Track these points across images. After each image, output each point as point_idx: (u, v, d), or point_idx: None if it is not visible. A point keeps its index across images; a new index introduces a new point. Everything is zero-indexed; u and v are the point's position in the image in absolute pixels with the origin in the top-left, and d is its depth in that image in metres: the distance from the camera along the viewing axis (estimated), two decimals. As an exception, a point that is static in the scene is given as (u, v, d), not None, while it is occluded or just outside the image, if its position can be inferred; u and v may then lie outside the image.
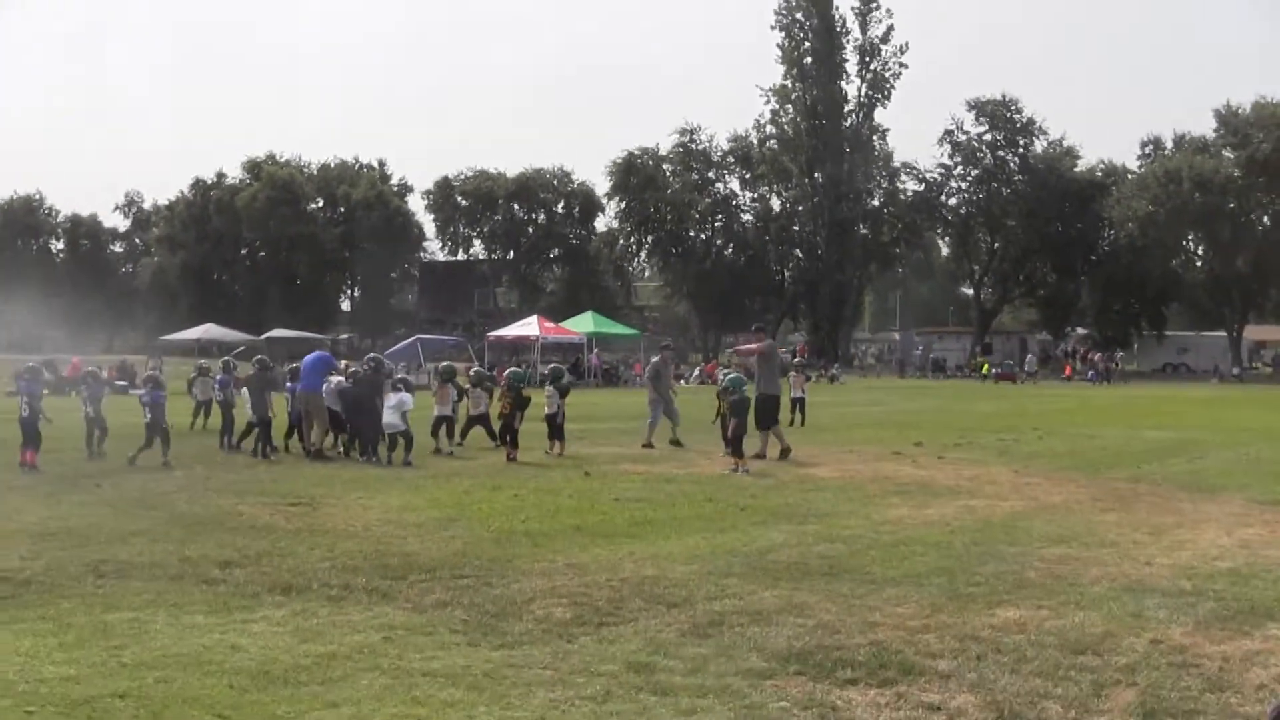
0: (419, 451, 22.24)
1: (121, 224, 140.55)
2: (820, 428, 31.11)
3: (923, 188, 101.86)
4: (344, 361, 27.26)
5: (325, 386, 23.43)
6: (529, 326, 64.43)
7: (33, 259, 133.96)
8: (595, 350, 67.37)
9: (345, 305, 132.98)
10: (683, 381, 61.74)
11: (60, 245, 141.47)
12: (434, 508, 15.99)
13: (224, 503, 16.27)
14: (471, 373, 24.50)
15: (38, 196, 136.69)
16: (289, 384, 24.82)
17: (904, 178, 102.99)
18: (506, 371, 24.75)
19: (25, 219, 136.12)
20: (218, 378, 26.81)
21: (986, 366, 78.55)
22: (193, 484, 18.44)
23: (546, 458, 22.84)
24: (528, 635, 9.10)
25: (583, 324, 66.88)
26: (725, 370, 35.45)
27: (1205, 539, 13.60)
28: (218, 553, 12.35)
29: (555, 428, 23.60)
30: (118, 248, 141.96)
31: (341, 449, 23.40)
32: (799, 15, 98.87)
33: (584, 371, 63.98)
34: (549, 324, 65.56)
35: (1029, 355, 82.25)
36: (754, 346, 26.81)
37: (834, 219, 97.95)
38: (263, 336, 60.13)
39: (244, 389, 24.40)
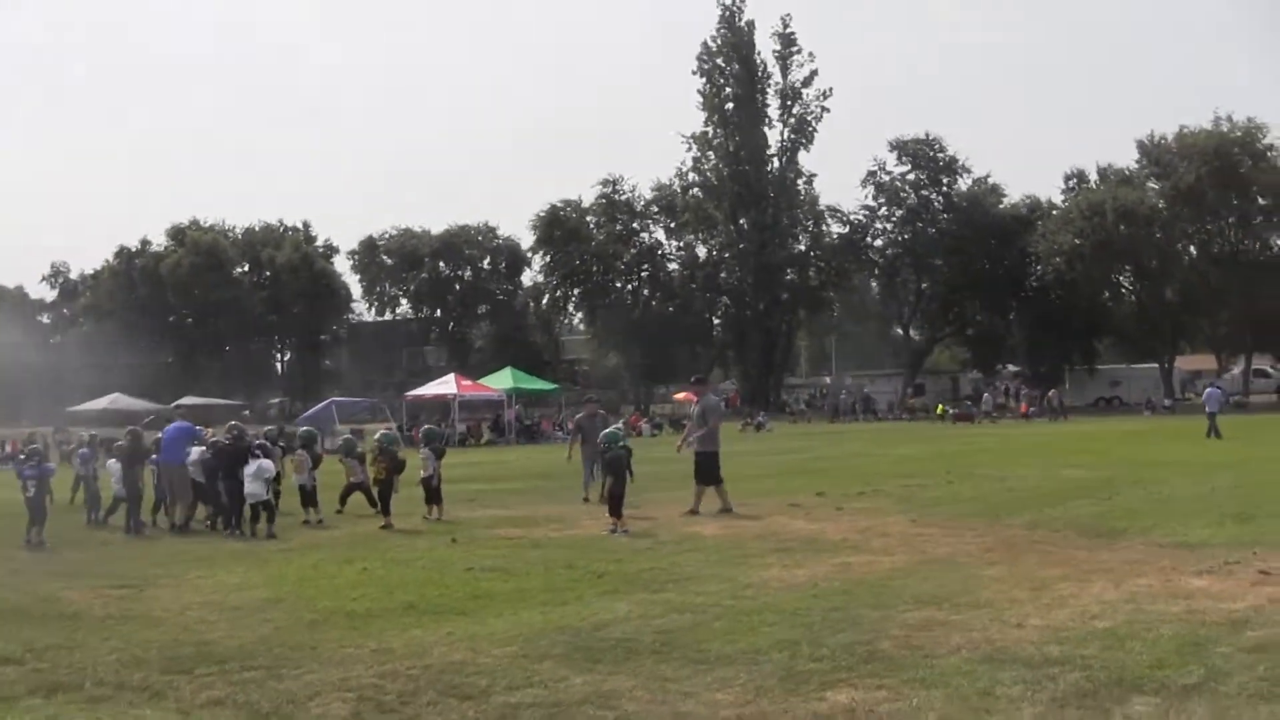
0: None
1: (49, 294, 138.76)
2: (729, 478, 29.91)
3: (848, 230, 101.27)
4: (208, 430, 25.87)
5: (189, 457, 22.26)
6: (446, 385, 63.18)
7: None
8: (515, 406, 66.16)
9: (278, 369, 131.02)
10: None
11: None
12: (269, 586, 14.89)
13: (50, 587, 15.13)
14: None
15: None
16: (153, 456, 23.51)
17: (829, 221, 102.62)
18: (378, 434, 23.40)
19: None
20: (80, 451, 25.56)
21: (942, 408, 77.43)
22: (31, 566, 17.32)
23: (425, 523, 21.63)
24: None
25: (501, 380, 65.58)
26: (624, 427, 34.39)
27: (1090, 594, 12.44)
28: (7, 647, 11.26)
29: (431, 491, 22.33)
30: (45, 319, 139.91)
31: (209, 522, 22.12)
32: (720, 61, 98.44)
33: (503, 429, 62.80)
34: (466, 381, 64.28)
35: (984, 395, 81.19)
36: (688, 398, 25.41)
37: (760, 265, 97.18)
38: (174, 405, 58.30)
39: (110, 462, 23.15)
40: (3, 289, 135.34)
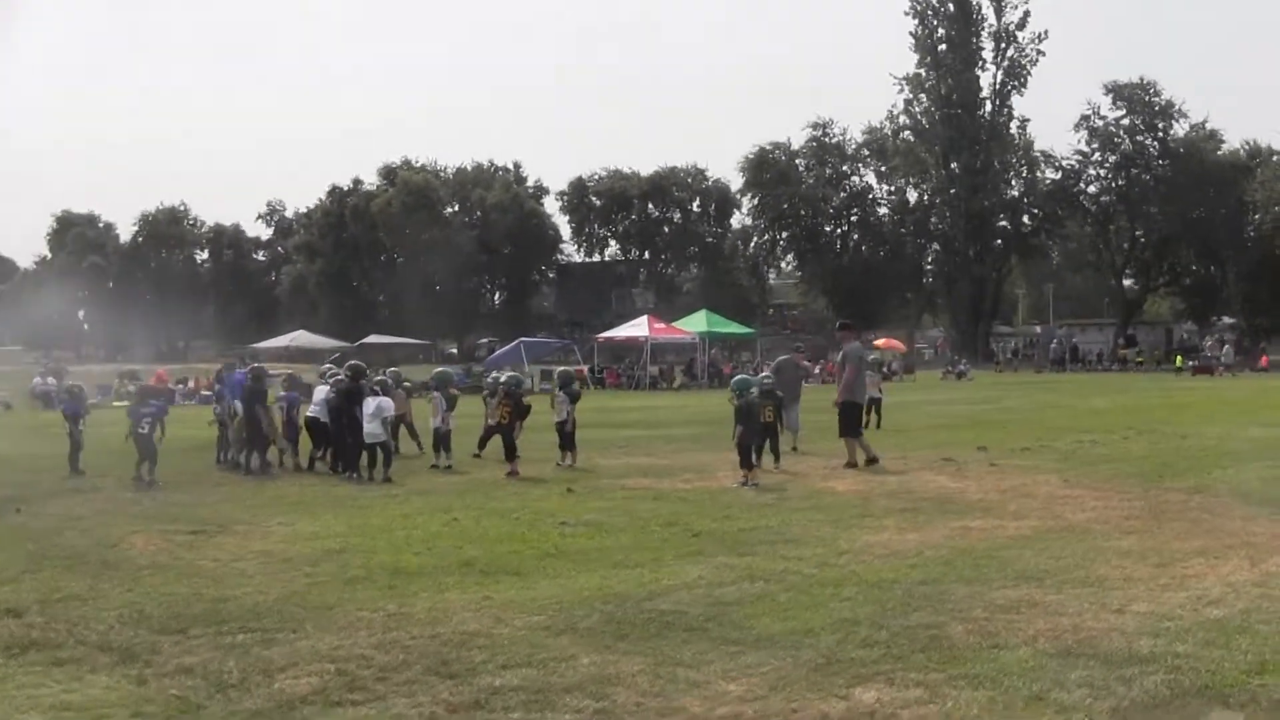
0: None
1: (264, 233, 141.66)
2: (897, 430, 28.73)
3: (1059, 176, 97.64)
4: (328, 367, 25.47)
5: (315, 396, 21.88)
6: (638, 327, 62.34)
7: (178, 269, 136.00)
8: (713, 349, 65.26)
9: (489, 308, 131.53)
10: (805, 380, 59.28)
11: (204, 255, 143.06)
12: (342, 536, 14.21)
13: (120, 530, 14.67)
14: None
15: (182, 207, 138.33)
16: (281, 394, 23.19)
17: (1043, 166, 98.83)
18: (504, 377, 22.54)
19: (170, 230, 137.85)
20: (216, 388, 25.24)
21: (1180, 359, 73.98)
22: (122, 507, 16.94)
23: (557, 470, 20.85)
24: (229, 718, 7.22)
25: (695, 323, 64.35)
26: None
27: (1218, 573, 10.97)
28: (26, 596, 10.79)
29: (565, 436, 21.52)
30: (261, 256, 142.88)
31: (331, 465, 21.74)
32: (934, 1, 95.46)
33: (696, 372, 61.82)
34: (659, 324, 63.33)
35: (1225, 346, 77.42)
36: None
37: (971, 210, 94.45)
38: (357, 343, 58.69)
39: (234, 401, 22.68)
40: (221, 226, 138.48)
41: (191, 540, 13.95)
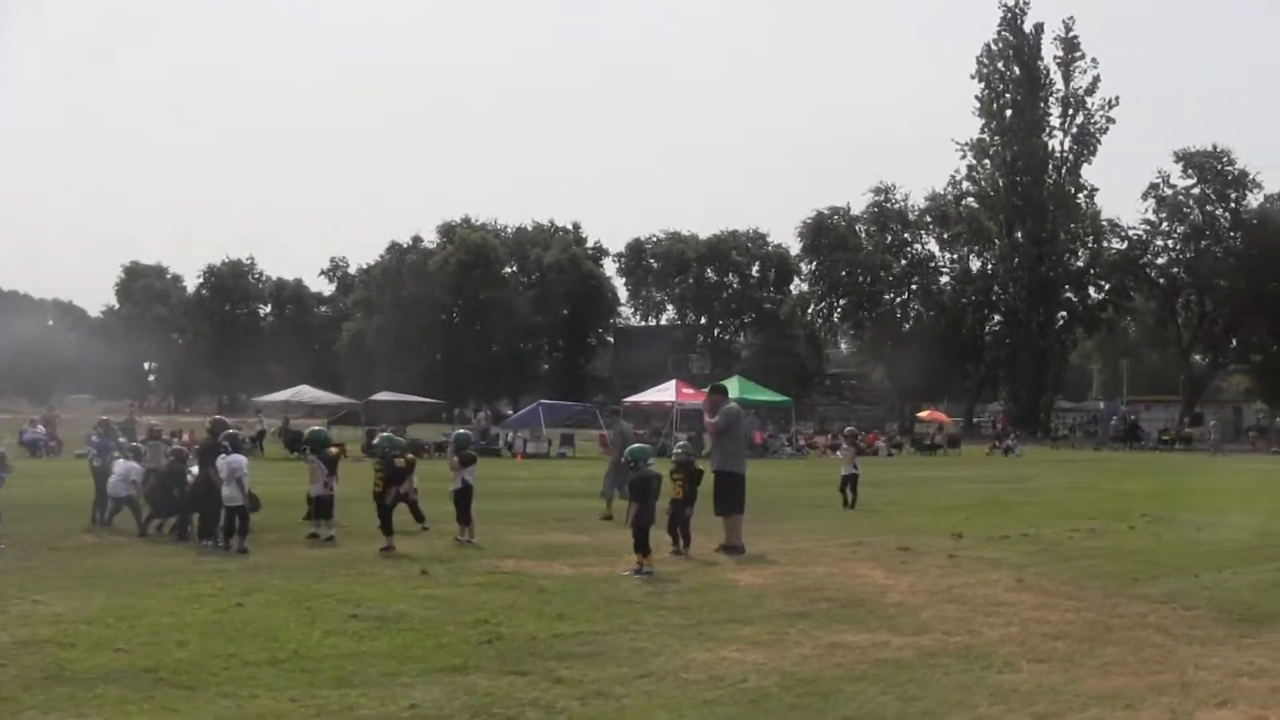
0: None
1: (327, 288, 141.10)
2: (878, 510, 25.85)
3: (1126, 246, 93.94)
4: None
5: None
6: (665, 392, 59.41)
7: (242, 322, 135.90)
8: (748, 417, 62.22)
9: (544, 370, 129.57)
10: (838, 453, 56.26)
11: (267, 309, 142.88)
12: (78, 622, 11.70)
13: None
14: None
15: (248, 261, 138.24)
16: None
17: (1110, 236, 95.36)
18: (378, 438, 19.65)
19: (235, 283, 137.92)
20: (92, 439, 22.60)
21: None
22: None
23: (456, 544, 18.03)
24: None
25: (728, 389, 61.39)
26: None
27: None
28: None
29: (461, 508, 18.56)
30: (324, 310, 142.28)
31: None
32: (1000, 65, 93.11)
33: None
34: (688, 389, 60.33)
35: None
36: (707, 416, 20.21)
37: (1036, 280, 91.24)
38: (365, 400, 56.21)
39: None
40: (283, 281, 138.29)
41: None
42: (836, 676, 9.58)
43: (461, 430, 21.80)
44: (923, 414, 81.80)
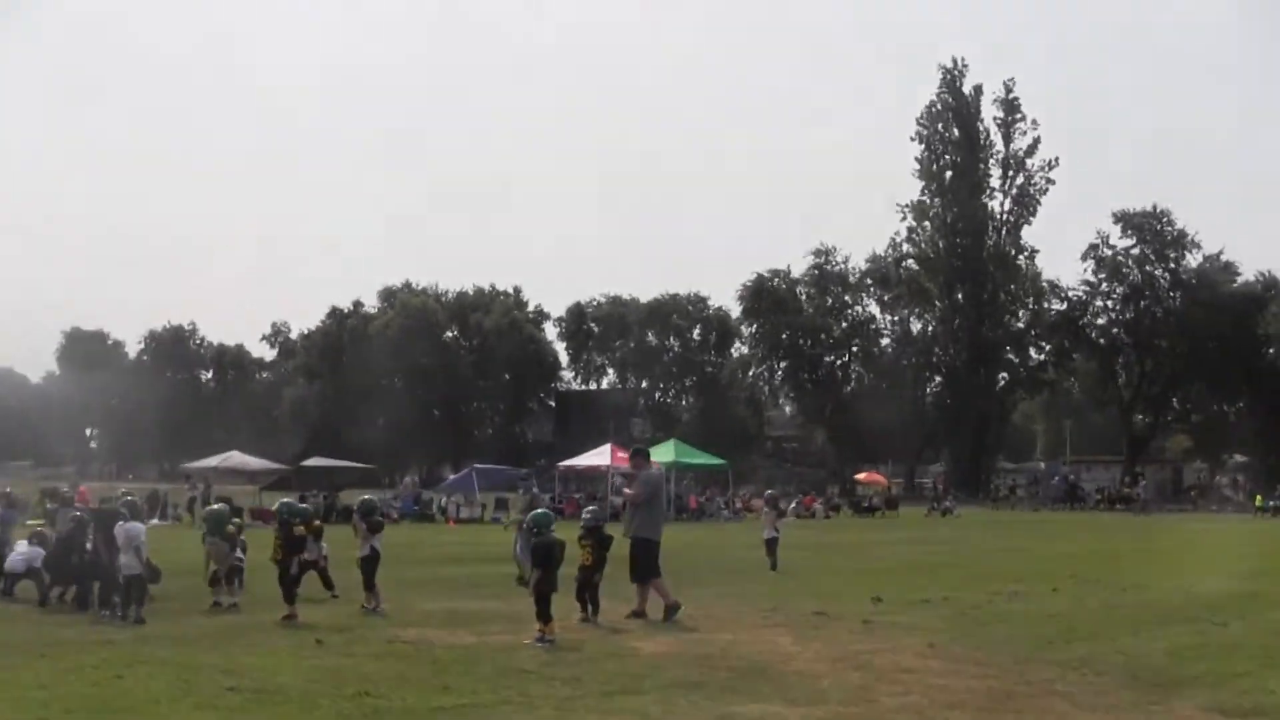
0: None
1: (269, 354, 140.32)
2: (800, 573, 25.53)
3: (1065, 307, 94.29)
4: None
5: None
6: (600, 455, 58.89)
7: (184, 388, 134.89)
8: (685, 481, 61.92)
9: (487, 434, 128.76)
10: (784, 518, 55.93)
11: (210, 375, 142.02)
12: None
13: None
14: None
15: (189, 326, 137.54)
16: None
17: (1051, 297, 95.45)
18: (276, 504, 19.20)
19: (175, 349, 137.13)
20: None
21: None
22: None
23: (363, 613, 17.62)
24: None
25: (664, 453, 60.73)
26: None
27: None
28: None
29: (367, 575, 18.10)
30: (266, 376, 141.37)
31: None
32: (940, 127, 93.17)
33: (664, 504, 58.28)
34: (622, 453, 59.84)
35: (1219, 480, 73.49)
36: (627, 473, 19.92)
37: (975, 342, 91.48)
38: (296, 465, 55.61)
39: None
40: (224, 346, 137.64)
41: None
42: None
43: (367, 496, 21.32)
44: (860, 476, 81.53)
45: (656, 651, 14.38)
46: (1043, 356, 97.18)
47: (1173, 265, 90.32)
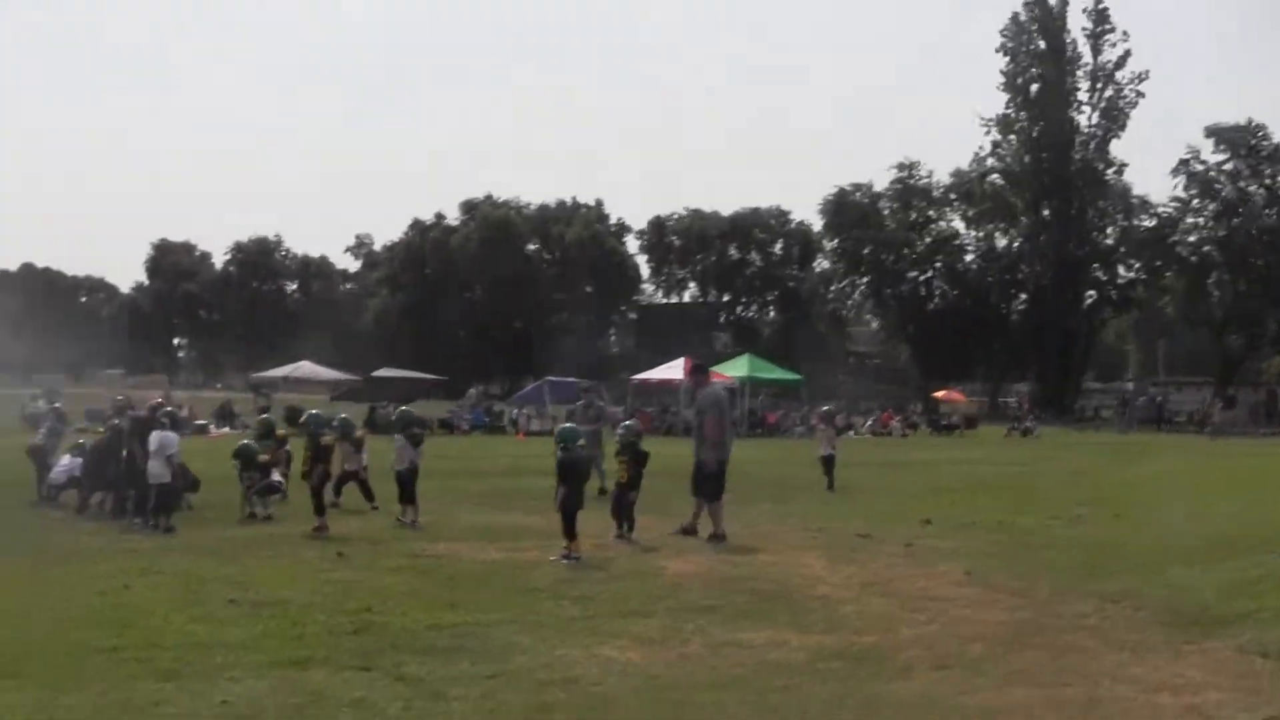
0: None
1: (353, 265, 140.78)
2: (858, 492, 24.95)
3: (1155, 224, 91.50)
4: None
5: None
6: (674, 369, 58.39)
7: (269, 299, 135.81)
8: (760, 396, 61.46)
9: (568, 346, 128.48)
10: (852, 433, 55.36)
11: (294, 286, 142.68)
12: None
13: None
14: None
15: (274, 238, 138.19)
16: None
17: (1141, 215, 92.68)
18: (306, 415, 18.88)
19: (261, 260, 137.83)
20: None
21: None
22: None
23: (399, 525, 17.44)
24: None
25: (737, 368, 60.19)
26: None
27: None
28: None
29: (403, 488, 17.84)
30: (350, 287, 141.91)
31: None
32: (1026, 38, 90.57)
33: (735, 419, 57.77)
34: (698, 365, 59.31)
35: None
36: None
37: (1062, 259, 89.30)
38: (367, 376, 55.62)
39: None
40: (309, 258, 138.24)
41: None
42: (702, 682, 8.86)
43: (404, 408, 21.07)
44: (939, 394, 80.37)
45: (682, 572, 14.01)
46: (1132, 274, 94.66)
47: (1268, 181, 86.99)
